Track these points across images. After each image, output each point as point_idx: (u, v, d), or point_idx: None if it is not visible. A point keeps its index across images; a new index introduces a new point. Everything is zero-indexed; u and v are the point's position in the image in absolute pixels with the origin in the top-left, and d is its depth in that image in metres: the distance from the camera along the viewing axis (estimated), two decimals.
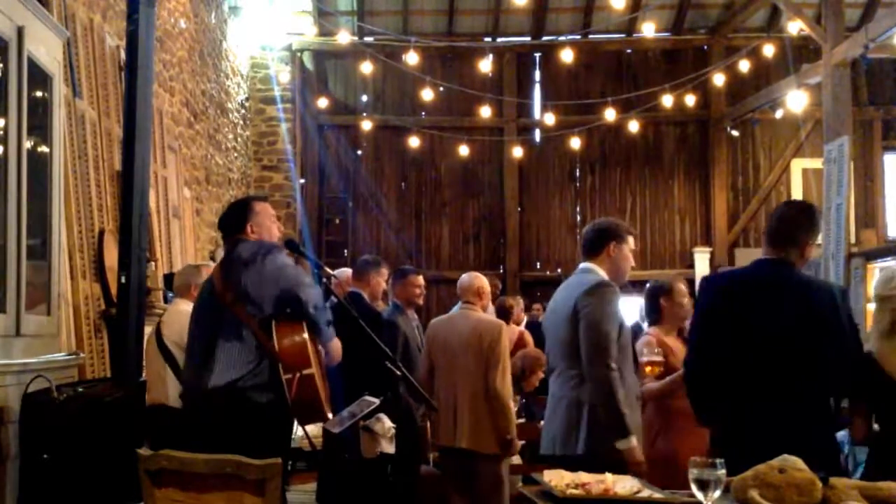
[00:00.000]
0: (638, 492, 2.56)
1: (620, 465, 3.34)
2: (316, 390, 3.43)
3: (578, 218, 13.40)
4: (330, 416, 3.63)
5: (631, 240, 3.96)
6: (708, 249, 12.99)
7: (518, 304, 8.73)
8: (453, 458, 5.23)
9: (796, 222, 3.38)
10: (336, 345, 3.69)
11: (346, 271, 6.23)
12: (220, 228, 3.89)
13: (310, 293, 3.50)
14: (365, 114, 13.19)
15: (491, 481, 5.06)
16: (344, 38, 12.06)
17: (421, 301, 5.92)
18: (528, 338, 7.63)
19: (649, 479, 2.87)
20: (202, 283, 3.96)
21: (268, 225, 3.76)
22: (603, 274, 3.83)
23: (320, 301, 3.59)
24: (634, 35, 13.18)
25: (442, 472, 5.39)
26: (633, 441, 3.51)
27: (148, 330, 4.87)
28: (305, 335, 3.47)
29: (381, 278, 5.69)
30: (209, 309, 3.59)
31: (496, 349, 5.02)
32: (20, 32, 4.14)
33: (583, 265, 3.93)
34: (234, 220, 3.77)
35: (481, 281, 5.29)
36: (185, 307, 4.60)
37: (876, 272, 9.44)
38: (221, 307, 3.50)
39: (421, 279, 5.85)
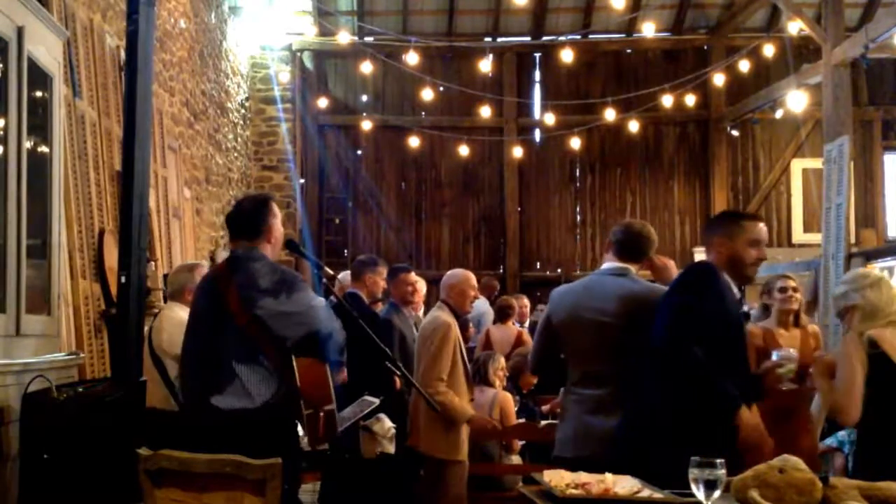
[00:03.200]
0: (638, 492, 2.56)
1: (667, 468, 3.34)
2: (335, 422, 3.44)
3: (578, 218, 13.40)
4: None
5: None
6: None
7: (519, 303, 8.71)
8: (419, 458, 5.23)
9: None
10: (343, 374, 3.67)
11: (349, 275, 6.25)
12: (229, 225, 3.68)
13: (337, 338, 3.43)
14: (365, 114, 13.18)
15: (434, 485, 5.02)
16: (344, 38, 12.06)
17: (415, 299, 5.91)
18: (527, 337, 7.63)
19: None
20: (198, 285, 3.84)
21: (281, 230, 3.63)
22: (638, 277, 3.83)
23: (343, 340, 3.51)
24: (634, 35, 13.17)
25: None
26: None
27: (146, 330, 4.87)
28: (326, 369, 3.44)
29: (379, 278, 5.67)
30: (215, 322, 3.44)
31: (425, 346, 5.00)
32: (20, 32, 4.14)
33: (618, 265, 3.84)
34: (252, 221, 3.55)
35: (455, 278, 5.23)
36: (179, 313, 4.57)
37: (876, 272, 9.45)
38: (234, 326, 3.37)
39: (412, 277, 5.83)
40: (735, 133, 13.30)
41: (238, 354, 3.36)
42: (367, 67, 12.03)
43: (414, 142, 12.78)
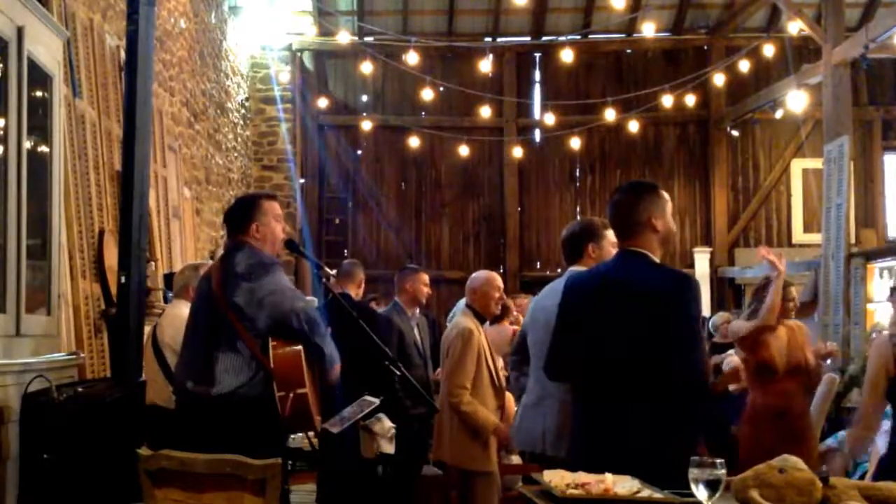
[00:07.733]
0: (638, 492, 2.55)
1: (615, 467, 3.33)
2: (308, 407, 3.43)
3: (579, 218, 13.38)
4: (319, 425, 3.65)
5: (609, 233, 3.90)
6: (708, 249, 12.98)
7: (516, 303, 8.70)
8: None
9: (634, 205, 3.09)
10: (336, 370, 3.66)
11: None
12: (225, 222, 3.90)
13: (304, 318, 3.45)
14: (365, 114, 13.18)
15: (465, 497, 4.99)
16: (344, 38, 12.07)
17: (424, 300, 5.94)
18: None
19: None
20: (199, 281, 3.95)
21: (273, 226, 3.70)
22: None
23: (317, 324, 3.53)
24: (634, 35, 13.17)
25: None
26: None
27: (148, 330, 4.88)
28: (301, 352, 3.46)
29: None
30: (207, 312, 3.57)
31: (447, 354, 4.97)
32: (20, 32, 4.13)
33: (569, 270, 3.91)
34: (239, 217, 3.73)
35: (477, 281, 5.20)
36: (184, 309, 4.59)
37: (876, 272, 9.47)
38: (219, 313, 3.49)
39: (426, 277, 5.90)
40: (735, 133, 13.29)
41: (218, 341, 3.45)
42: (367, 67, 12.04)
43: (414, 142, 12.78)
